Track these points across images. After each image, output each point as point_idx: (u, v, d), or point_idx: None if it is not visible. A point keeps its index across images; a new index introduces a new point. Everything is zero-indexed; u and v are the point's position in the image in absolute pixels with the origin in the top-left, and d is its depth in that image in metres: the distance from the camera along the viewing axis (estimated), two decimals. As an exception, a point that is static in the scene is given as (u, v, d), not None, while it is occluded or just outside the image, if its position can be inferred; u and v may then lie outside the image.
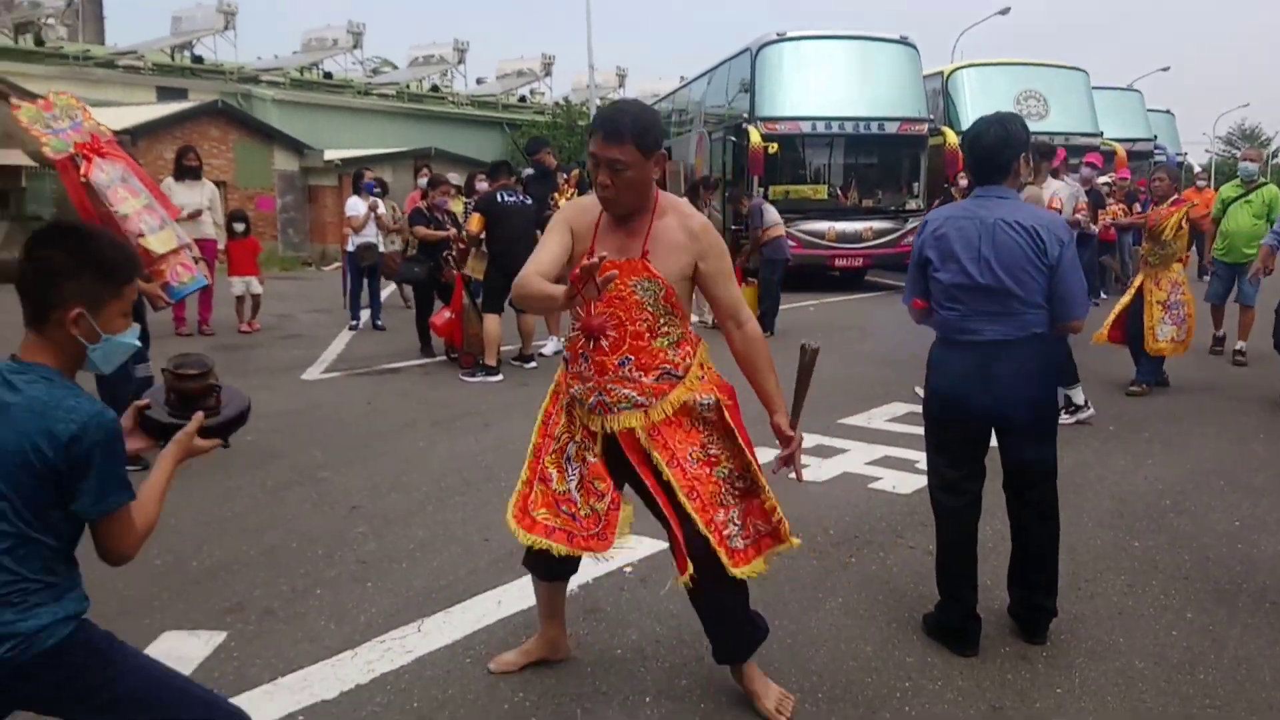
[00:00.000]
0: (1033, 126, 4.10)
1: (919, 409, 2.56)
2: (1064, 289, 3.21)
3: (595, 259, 2.23)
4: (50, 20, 27.20)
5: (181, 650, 3.24)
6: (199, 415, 2.05)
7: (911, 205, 15.65)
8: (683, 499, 2.70)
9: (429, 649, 3.29)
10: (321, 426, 6.46)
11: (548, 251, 2.71)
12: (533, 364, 8.59)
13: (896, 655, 3.30)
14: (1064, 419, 5.89)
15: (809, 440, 6.01)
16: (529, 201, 8.49)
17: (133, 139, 19.16)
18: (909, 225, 15.14)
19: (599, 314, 2.69)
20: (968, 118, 16.82)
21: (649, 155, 2.61)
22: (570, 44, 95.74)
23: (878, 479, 5.23)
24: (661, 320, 2.70)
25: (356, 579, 3.90)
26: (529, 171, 10.18)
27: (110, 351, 1.89)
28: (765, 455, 3.04)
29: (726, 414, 2.80)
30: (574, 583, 3.75)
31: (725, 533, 2.74)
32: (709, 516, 2.72)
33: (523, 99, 36.91)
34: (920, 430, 3.57)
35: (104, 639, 1.90)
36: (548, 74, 36.75)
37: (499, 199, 8.16)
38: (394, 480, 5.21)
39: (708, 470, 2.76)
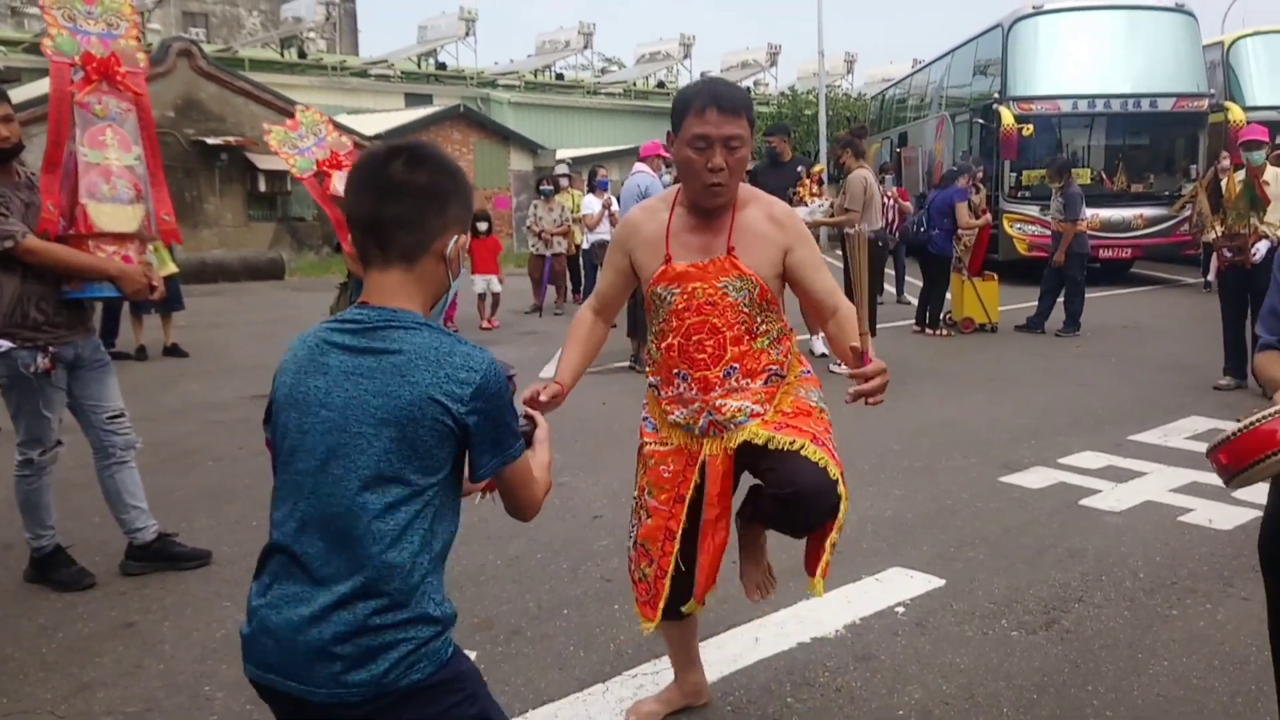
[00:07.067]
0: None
1: (1225, 425, 1.92)
2: None
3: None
4: (311, 34, 29.54)
5: (431, 671, 3.11)
6: None
7: (1188, 190, 14.01)
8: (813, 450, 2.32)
9: (684, 689, 2.99)
10: (560, 427, 6.29)
11: (604, 282, 2.64)
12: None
13: (1250, 742, 2.68)
14: None
15: (1095, 460, 5.29)
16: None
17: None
18: (1186, 212, 13.57)
19: (689, 325, 2.41)
20: (1253, 92, 14.95)
21: (752, 130, 2.35)
22: (797, 32, 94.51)
23: (1189, 510, 4.47)
24: (759, 319, 2.43)
25: (603, 599, 3.67)
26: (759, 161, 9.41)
27: (453, 292, 1.65)
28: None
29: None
30: (839, 623, 3.39)
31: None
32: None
33: (748, 91, 36.54)
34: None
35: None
36: (773, 64, 36.25)
37: None
38: (633, 488, 4.98)
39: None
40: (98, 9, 3.72)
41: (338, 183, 5.42)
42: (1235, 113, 14.26)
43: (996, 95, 14.28)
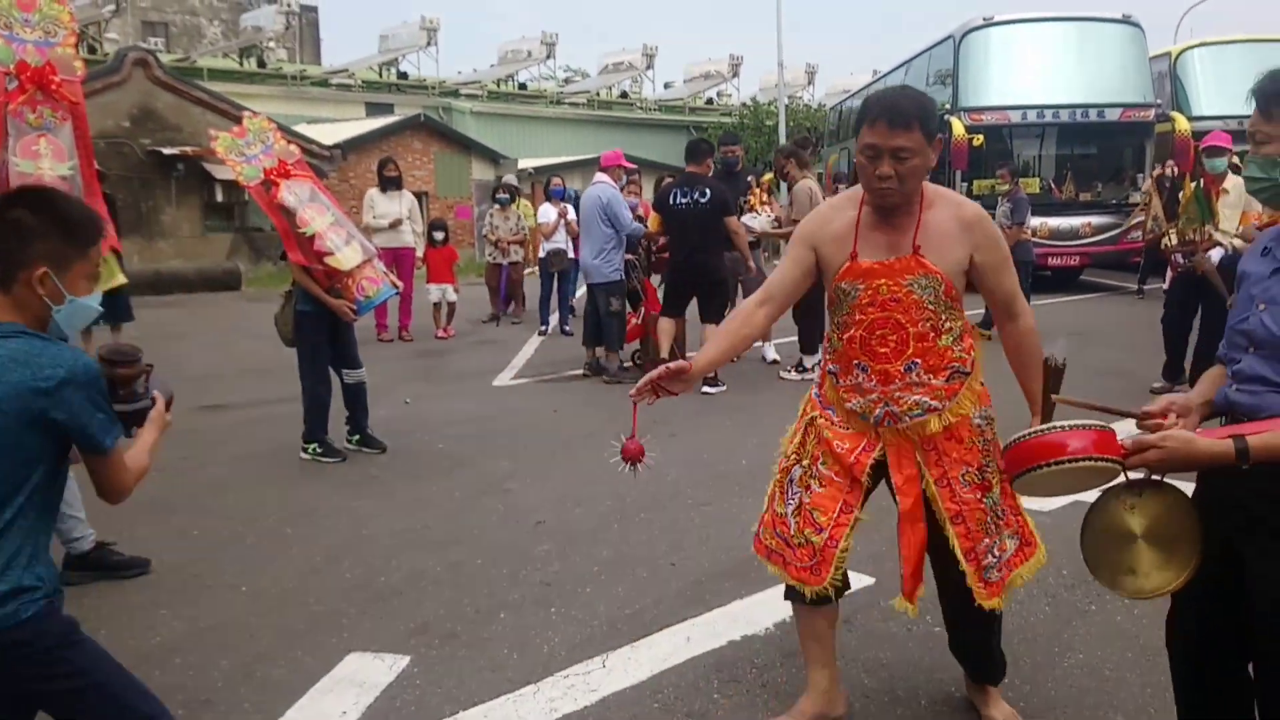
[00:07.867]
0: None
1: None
2: None
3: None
4: (271, 43, 29.26)
5: (365, 675, 3.14)
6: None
7: (1136, 198, 14.34)
8: (948, 530, 2.55)
9: (614, 689, 3.05)
10: (509, 435, 6.42)
11: (779, 274, 2.66)
12: (721, 387, 7.65)
13: (1155, 730, 2.79)
14: None
15: (1030, 461, 5.41)
16: (705, 199, 7.55)
17: (343, 153, 20.32)
18: (1133, 220, 13.89)
19: (872, 320, 2.50)
20: (1199, 102, 15.32)
21: (931, 140, 2.40)
22: (758, 44, 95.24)
23: (1115, 509, 4.60)
24: (944, 316, 2.51)
25: (540, 603, 3.72)
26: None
27: (74, 314, 1.91)
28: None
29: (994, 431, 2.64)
30: (770, 620, 3.46)
31: (984, 562, 2.57)
32: (971, 545, 2.56)
33: (710, 101, 36.76)
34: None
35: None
36: (735, 75, 36.43)
37: (671, 199, 7.65)
38: (578, 494, 5.04)
39: (978, 495, 2.57)
40: (35, 16, 3.68)
41: (284, 192, 5.41)
42: (1180, 122, 14.60)
43: (948, 106, 14.53)
